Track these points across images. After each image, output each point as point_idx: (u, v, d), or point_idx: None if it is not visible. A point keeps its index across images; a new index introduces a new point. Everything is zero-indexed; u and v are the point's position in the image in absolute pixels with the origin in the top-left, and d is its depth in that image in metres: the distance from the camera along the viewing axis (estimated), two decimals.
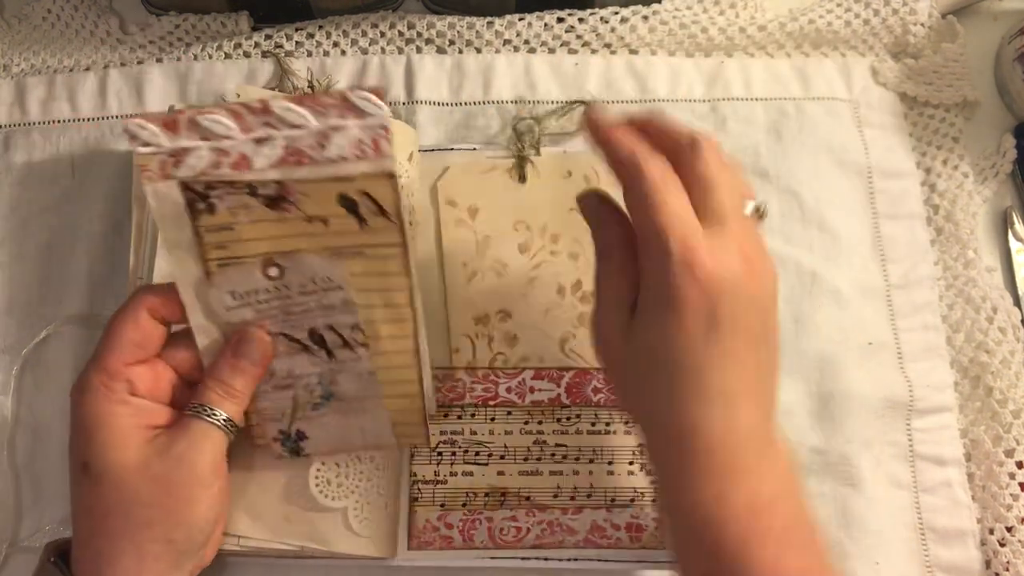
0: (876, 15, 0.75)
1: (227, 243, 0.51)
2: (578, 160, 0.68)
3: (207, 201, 0.49)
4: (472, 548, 0.61)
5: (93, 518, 0.51)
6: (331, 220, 0.51)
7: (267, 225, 0.50)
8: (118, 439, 0.51)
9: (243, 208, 0.50)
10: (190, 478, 0.51)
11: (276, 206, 0.50)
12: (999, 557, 0.64)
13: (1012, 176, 0.73)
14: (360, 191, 0.49)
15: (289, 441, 0.58)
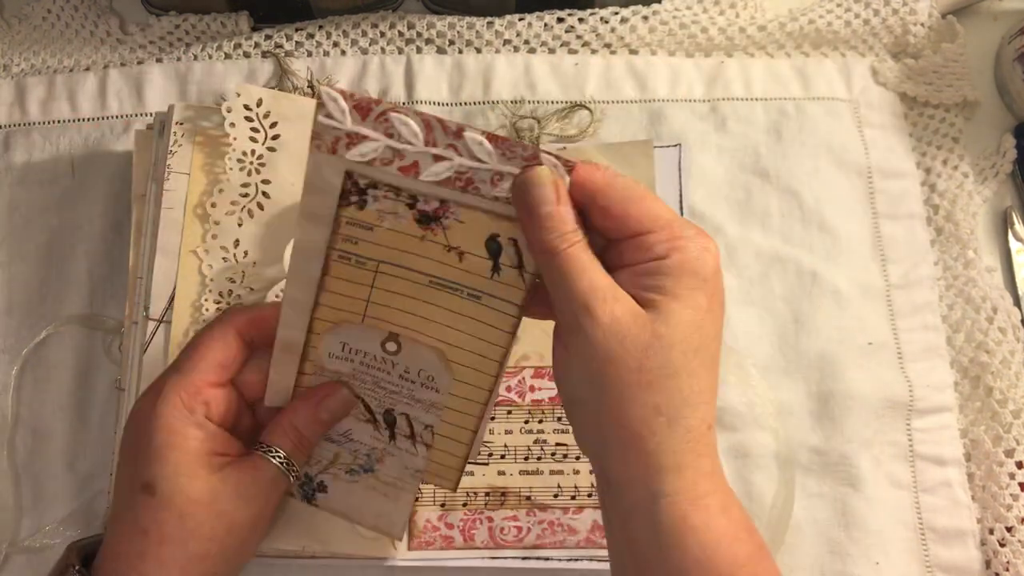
0: (876, 15, 0.75)
1: (359, 239, 0.49)
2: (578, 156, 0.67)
3: (362, 196, 0.48)
4: (473, 548, 0.61)
5: (148, 541, 0.49)
6: (467, 257, 0.49)
7: (405, 238, 0.49)
8: (190, 465, 0.50)
9: (392, 215, 0.48)
10: (253, 521, 0.51)
11: (425, 225, 0.49)
12: (999, 557, 0.64)
13: (1012, 176, 0.73)
14: (511, 238, 0.48)
15: (308, 486, 0.58)
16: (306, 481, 0.57)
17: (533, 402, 0.63)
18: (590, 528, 0.61)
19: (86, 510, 0.63)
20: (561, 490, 0.62)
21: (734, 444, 0.64)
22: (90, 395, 0.65)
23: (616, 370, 0.43)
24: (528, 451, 0.63)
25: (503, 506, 0.62)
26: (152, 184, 0.63)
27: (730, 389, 0.65)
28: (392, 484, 0.57)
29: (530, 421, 0.63)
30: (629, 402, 0.43)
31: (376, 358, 0.53)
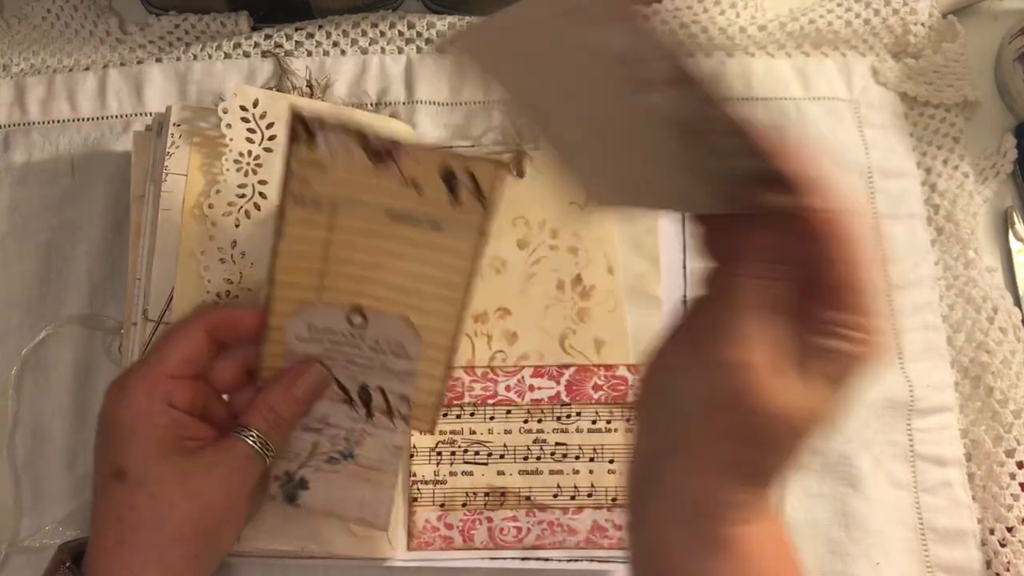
0: (876, 15, 0.75)
1: (312, 180, 0.51)
2: None
3: (311, 136, 0.49)
4: (472, 548, 0.61)
5: (124, 527, 0.50)
6: (425, 189, 0.50)
7: (359, 175, 0.50)
8: (157, 448, 0.50)
9: (344, 152, 0.50)
10: (227, 500, 0.51)
11: (378, 160, 0.50)
12: (999, 557, 0.63)
13: (1012, 176, 0.73)
14: (466, 170, 0.50)
15: (289, 485, 0.58)
16: (287, 480, 0.57)
17: (532, 401, 0.63)
18: (590, 528, 0.61)
19: (86, 510, 0.62)
20: (560, 490, 0.62)
21: None
22: (90, 395, 0.65)
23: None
24: (527, 451, 0.63)
25: (502, 506, 0.62)
26: (150, 185, 0.63)
27: None
28: (373, 467, 0.58)
29: (529, 421, 0.63)
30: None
31: (344, 334, 0.54)
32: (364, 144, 0.50)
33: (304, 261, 0.54)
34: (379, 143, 0.50)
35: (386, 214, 0.52)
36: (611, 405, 0.63)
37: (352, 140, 0.50)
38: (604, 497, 0.62)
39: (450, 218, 0.51)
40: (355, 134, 0.50)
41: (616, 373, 0.64)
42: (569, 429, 0.63)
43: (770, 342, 0.37)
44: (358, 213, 0.51)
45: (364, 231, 0.52)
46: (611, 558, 0.61)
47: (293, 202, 0.51)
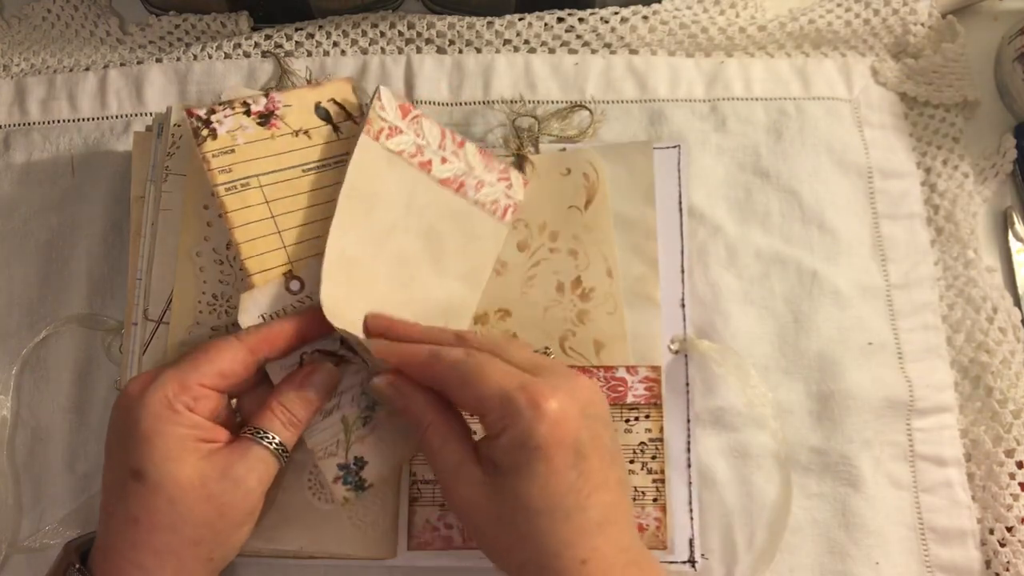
0: (876, 15, 0.75)
1: (231, 165, 0.58)
2: (577, 157, 0.68)
3: (210, 126, 0.58)
4: (472, 548, 0.61)
5: (139, 529, 0.50)
6: (312, 132, 0.61)
7: (262, 145, 0.59)
8: (177, 451, 0.50)
9: (240, 129, 0.59)
10: (244, 503, 0.51)
11: (267, 123, 0.59)
12: (999, 557, 0.63)
13: (1012, 176, 0.73)
14: (329, 99, 0.62)
15: (351, 475, 0.57)
16: (346, 472, 0.57)
17: None
18: None
19: (86, 510, 0.63)
20: None
21: (734, 444, 0.64)
22: (90, 395, 0.65)
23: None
24: None
25: None
26: (150, 186, 0.63)
27: (729, 389, 0.65)
28: None
29: None
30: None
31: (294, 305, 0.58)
32: (248, 111, 0.59)
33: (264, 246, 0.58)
34: (258, 105, 0.59)
35: (300, 171, 0.60)
36: (611, 406, 0.63)
37: (239, 113, 0.59)
38: None
39: (342, 150, 0.61)
40: (239, 105, 0.59)
41: (615, 375, 0.64)
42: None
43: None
44: (280, 179, 0.59)
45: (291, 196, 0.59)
46: None
47: (226, 192, 0.58)
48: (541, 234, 0.66)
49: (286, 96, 0.61)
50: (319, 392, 0.55)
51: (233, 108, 0.59)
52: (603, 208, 0.67)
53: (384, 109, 0.59)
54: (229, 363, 0.53)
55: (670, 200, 0.68)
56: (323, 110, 0.61)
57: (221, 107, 0.58)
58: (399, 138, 0.60)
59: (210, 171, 0.58)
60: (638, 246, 0.67)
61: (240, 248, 0.57)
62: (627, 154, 0.68)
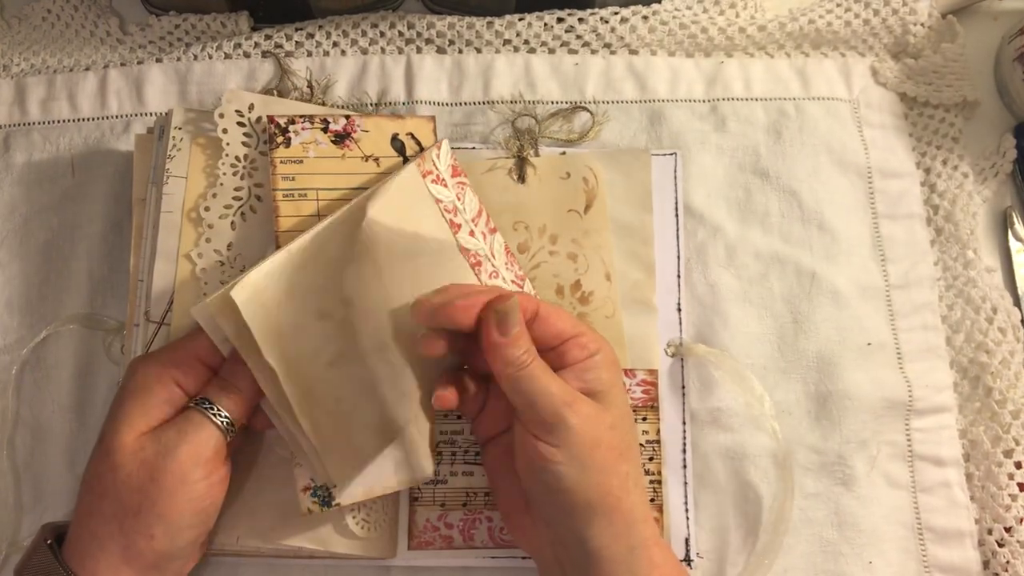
0: (876, 15, 0.75)
1: (295, 175, 0.61)
2: (576, 162, 0.68)
3: (285, 135, 0.61)
4: (472, 548, 0.61)
5: (94, 494, 0.52)
6: (382, 161, 0.62)
7: (330, 162, 0.61)
8: (134, 419, 0.52)
9: (313, 143, 0.61)
10: (173, 467, 0.51)
11: (340, 143, 0.62)
12: (997, 557, 0.64)
13: (1012, 176, 0.73)
14: (408, 133, 0.63)
15: (321, 490, 0.56)
16: (317, 487, 0.56)
17: None
18: None
19: None
20: None
21: (732, 445, 0.65)
22: (90, 395, 0.65)
23: (599, 451, 0.52)
24: None
25: None
26: (152, 188, 0.63)
27: (728, 390, 0.65)
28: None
29: None
30: (611, 475, 0.53)
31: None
32: (326, 128, 0.61)
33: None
34: (337, 124, 0.61)
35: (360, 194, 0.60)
36: None
37: (317, 128, 0.61)
38: None
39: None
40: (318, 121, 0.62)
41: None
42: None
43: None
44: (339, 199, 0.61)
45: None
46: None
47: (283, 198, 0.60)
48: (541, 237, 0.66)
49: (366, 121, 0.63)
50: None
51: (312, 123, 0.62)
52: (602, 213, 0.67)
53: (439, 158, 0.62)
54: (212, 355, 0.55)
55: (667, 206, 0.68)
56: (399, 142, 0.63)
57: (301, 119, 0.61)
58: (443, 189, 0.61)
59: (273, 175, 0.61)
60: (635, 252, 0.67)
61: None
62: (625, 160, 0.69)
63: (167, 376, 0.53)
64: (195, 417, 0.53)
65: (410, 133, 0.63)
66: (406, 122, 0.64)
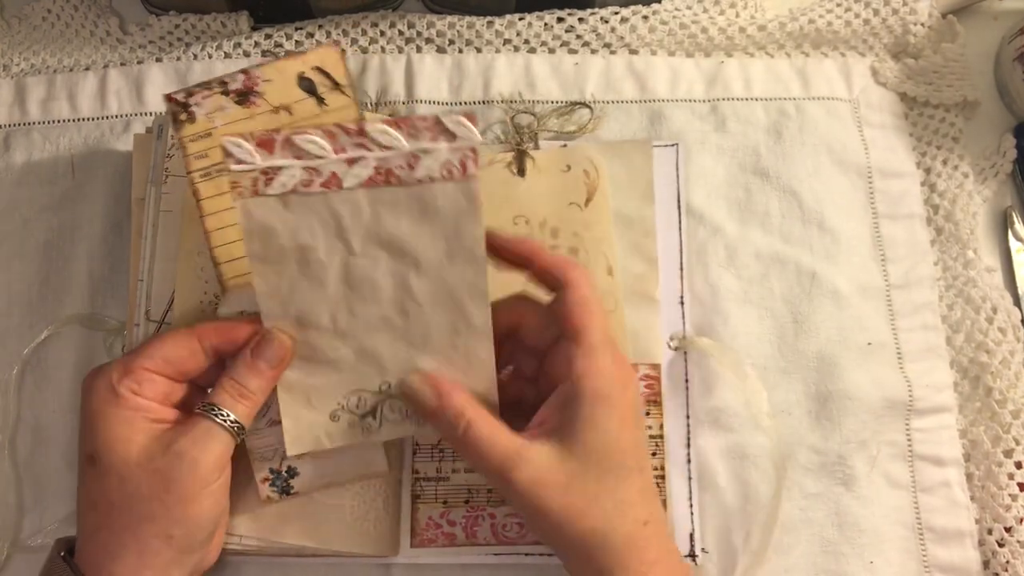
0: (876, 15, 0.75)
1: (207, 150, 0.55)
2: (576, 154, 0.68)
3: (188, 110, 0.55)
4: (475, 545, 0.61)
5: (98, 512, 0.51)
6: (294, 107, 0.56)
7: (240, 126, 0.55)
8: (124, 432, 0.51)
9: (219, 111, 0.55)
10: (191, 475, 0.51)
11: (246, 102, 0.56)
12: (998, 557, 0.64)
13: (1012, 176, 0.73)
14: (314, 67, 0.56)
15: (279, 480, 0.57)
16: (276, 477, 0.57)
17: None
18: None
19: None
20: None
21: (731, 444, 0.64)
22: None
23: (545, 514, 0.50)
24: None
25: (505, 503, 0.62)
26: (151, 187, 0.63)
27: (727, 389, 0.65)
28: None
29: None
30: (567, 532, 0.51)
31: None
32: (226, 91, 0.55)
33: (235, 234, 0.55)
34: (236, 83, 0.55)
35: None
36: None
37: (217, 93, 0.55)
38: None
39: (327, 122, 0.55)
40: (217, 85, 0.55)
41: None
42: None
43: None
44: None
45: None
46: None
47: (201, 179, 0.55)
48: (542, 230, 0.66)
49: (265, 70, 0.56)
50: (270, 362, 0.53)
51: (211, 88, 0.56)
52: (603, 206, 0.67)
53: (240, 162, 0.48)
54: (173, 348, 0.53)
55: (669, 198, 0.68)
56: (307, 81, 0.57)
57: (199, 89, 0.55)
58: (279, 178, 0.49)
59: (186, 157, 0.56)
60: (637, 244, 0.67)
61: (211, 237, 0.56)
62: (626, 152, 0.68)
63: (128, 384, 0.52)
64: (206, 424, 0.52)
65: (316, 67, 0.57)
66: (308, 56, 0.57)
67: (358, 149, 0.49)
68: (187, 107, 0.55)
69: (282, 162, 0.48)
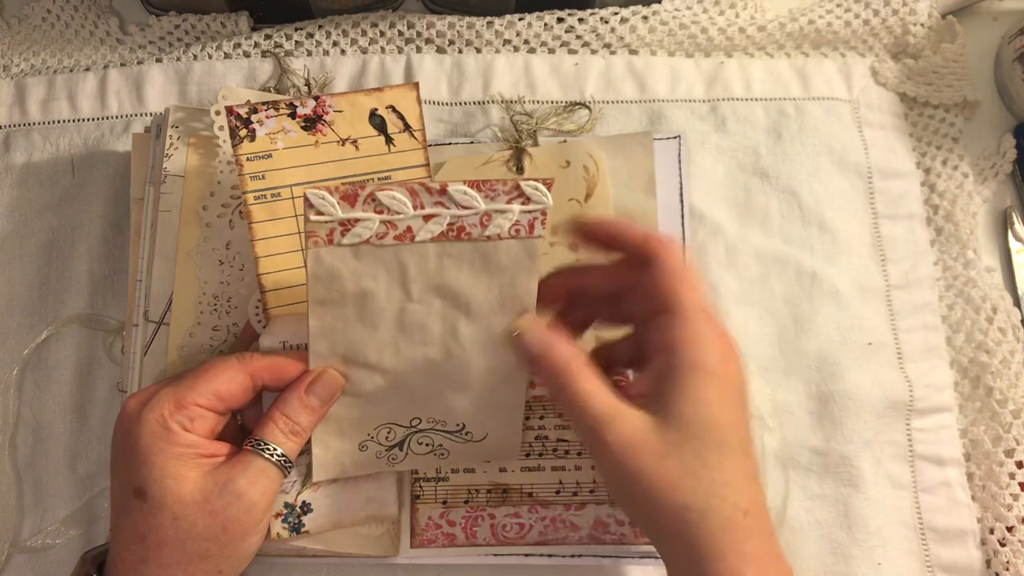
0: (876, 15, 0.75)
1: (265, 172, 0.54)
2: (576, 149, 0.68)
3: (249, 126, 0.53)
4: (475, 545, 0.61)
5: (147, 546, 0.50)
6: (361, 142, 0.55)
7: (302, 152, 0.54)
8: (176, 469, 0.50)
9: (281, 132, 0.53)
10: (247, 515, 0.51)
11: (312, 129, 0.54)
12: (999, 557, 0.64)
13: (1012, 176, 0.73)
14: (388, 106, 0.55)
15: (292, 515, 0.57)
16: (289, 512, 0.57)
17: (534, 398, 0.63)
18: (592, 524, 0.61)
19: (87, 510, 0.63)
20: (563, 486, 0.62)
21: None
22: (91, 395, 0.65)
23: (636, 480, 0.47)
24: (530, 447, 0.62)
25: (505, 503, 0.62)
26: (149, 187, 0.63)
27: None
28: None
29: (531, 418, 0.63)
30: (658, 503, 0.47)
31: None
32: (293, 114, 0.54)
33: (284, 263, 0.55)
34: (305, 107, 0.54)
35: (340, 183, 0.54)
36: None
37: (283, 115, 0.54)
38: (606, 493, 0.62)
39: (394, 165, 0.56)
40: (284, 106, 0.54)
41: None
42: (571, 425, 0.63)
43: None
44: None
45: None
46: (613, 553, 0.61)
47: (254, 201, 0.54)
48: None
49: (339, 100, 0.56)
50: (322, 398, 0.54)
51: (277, 109, 0.54)
52: (603, 201, 0.67)
53: (320, 213, 0.49)
54: (226, 385, 0.52)
55: (671, 191, 0.68)
56: (378, 118, 0.56)
57: (264, 106, 0.54)
58: (355, 229, 0.49)
59: (241, 177, 0.54)
60: None
61: (259, 263, 0.55)
62: (627, 145, 0.68)
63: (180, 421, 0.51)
64: (260, 463, 0.52)
65: (390, 106, 0.56)
66: (384, 94, 0.56)
67: (437, 207, 0.49)
68: (248, 123, 0.54)
69: (362, 215, 0.48)
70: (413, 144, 0.56)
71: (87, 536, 0.62)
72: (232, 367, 0.52)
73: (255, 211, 0.54)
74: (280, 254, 0.55)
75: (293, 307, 0.56)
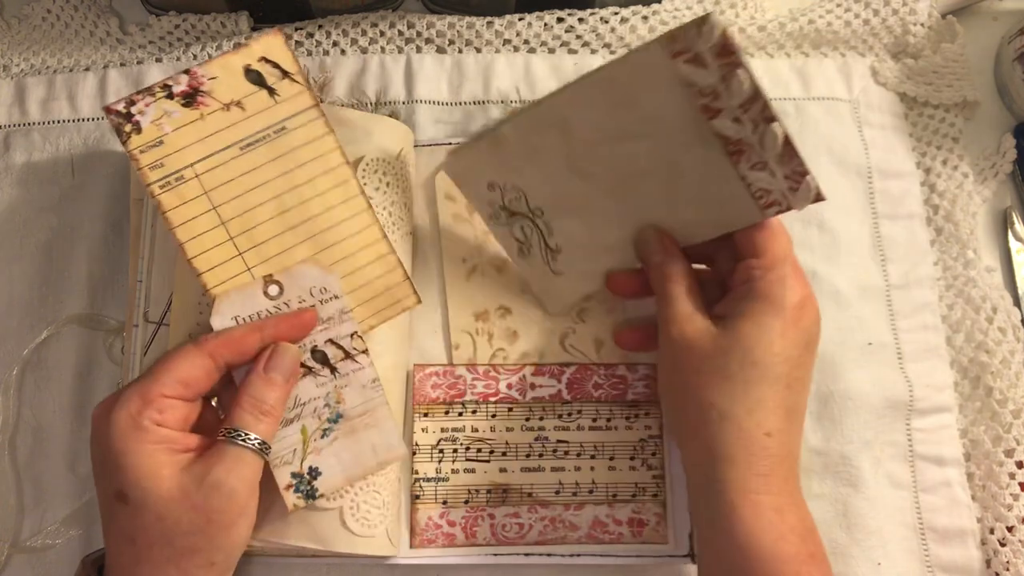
0: (876, 15, 0.75)
1: (162, 160, 0.54)
2: None
3: (132, 120, 0.53)
4: (475, 545, 0.61)
5: (137, 548, 0.50)
6: (245, 102, 0.54)
7: (191, 129, 0.54)
8: (152, 468, 0.50)
9: (165, 116, 0.53)
10: (229, 504, 0.51)
11: (193, 104, 0.54)
12: (999, 556, 0.64)
13: (1012, 176, 0.73)
14: (260, 58, 0.55)
15: (303, 483, 0.57)
16: (299, 481, 0.57)
17: (534, 399, 0.63)
18: (591, 524, 0.61)
19: (87, 510, 0.63)
20: (562, 487, 0.62)
21: None
22: (91, 395, 0.65)
23: (681, 372, 0.54)
24: (529, 448, 0.63)
25: (504, 503, 0.62)
26: None
27: None
28: (363, 411, 0.58)
29: (531, 418, 0.63)
30: (691, 398, 0.53)
31: (270, 311, 0.55)
32: (170, 94, 0.54)
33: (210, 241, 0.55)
34: (180, 84, 0.54)
35: (238, 149, 0.55)
36: (611, 403, 0.64)
37: (160, 98, 0.53)
38: (605, 493, 0.62)
39: (284, 114, 0.56)
40: (158, 88, 0.53)
41: (616, 372, 0.64)
42: (570, 427, 0.63)
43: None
44: (217, 163, 0.54)
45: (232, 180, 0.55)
46: (612, 553, 0.61)
47: (161, 191, 0.54)
48: None
49: (210, 67, 0.54)
50: (283, 372, 0.54)
51: (153, 94, 0.53)
52: None
53: (701, 36, 0.49)
54: (188, 370, 0.52)
55: None
56: (254, 73, 0.55)
57: (140, 95, 0.53)
58: (698, 71, 0.50)
59: (140, 170, 0.53)
60: None
61: (185, 248, 0.54)
62: None
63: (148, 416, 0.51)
64: (234, 451, 0.52)
65: (263, 58, 0.55)
66: (252, 48, 0.55)
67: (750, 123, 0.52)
68: (130, 117, 0.53)
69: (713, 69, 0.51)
70: (296, 88, 0.56)
71: (87, 536, 0.62)
72: (190, 352, 0.53)
73: (164, 200, 0.54)
74: (204, 233, 0.55)
75: (234, 280, 0.56)
